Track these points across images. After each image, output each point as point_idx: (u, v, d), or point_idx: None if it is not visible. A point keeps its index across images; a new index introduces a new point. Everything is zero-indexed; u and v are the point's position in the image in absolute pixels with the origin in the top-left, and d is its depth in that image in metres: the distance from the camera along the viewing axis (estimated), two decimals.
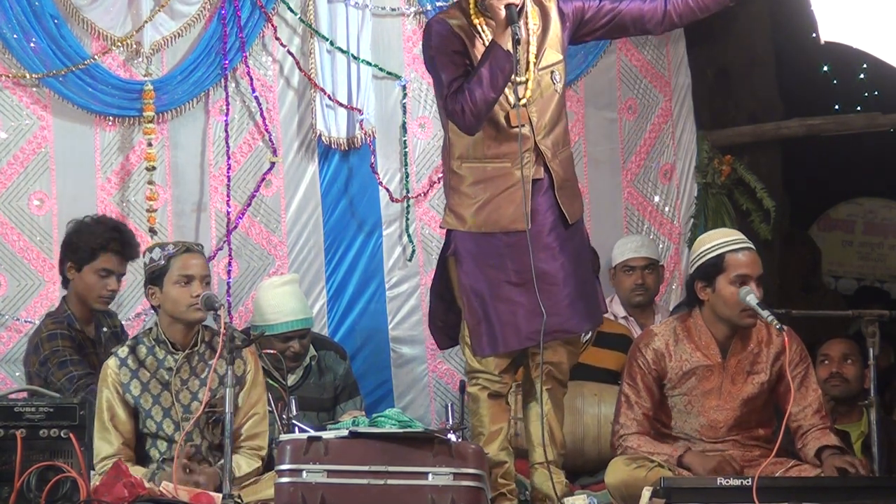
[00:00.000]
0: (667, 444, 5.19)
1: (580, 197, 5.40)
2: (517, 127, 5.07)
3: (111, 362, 5.22)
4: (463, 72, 5.06)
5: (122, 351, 5.25)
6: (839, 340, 6.26)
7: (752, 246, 5.22)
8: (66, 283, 5.86)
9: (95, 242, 5.73)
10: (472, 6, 5.16)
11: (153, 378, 5.21)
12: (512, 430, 5.42)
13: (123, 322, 6.17)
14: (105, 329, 5.84)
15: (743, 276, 5.12)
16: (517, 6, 4.99)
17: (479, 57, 5.08)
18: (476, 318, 5.12)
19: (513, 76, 5.02)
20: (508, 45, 4.95)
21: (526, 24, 5.14)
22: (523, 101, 5.12)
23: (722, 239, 5.24)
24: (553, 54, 5.22)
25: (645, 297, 6.86)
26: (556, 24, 5.24)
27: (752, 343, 5.22)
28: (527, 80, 5.14)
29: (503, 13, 4.97)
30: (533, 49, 5.18)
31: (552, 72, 5.20)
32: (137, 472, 5.06)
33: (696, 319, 5.25)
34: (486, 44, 5.08)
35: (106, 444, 5.14)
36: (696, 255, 5.26)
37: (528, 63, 5.15)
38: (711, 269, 5.17)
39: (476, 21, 5.14)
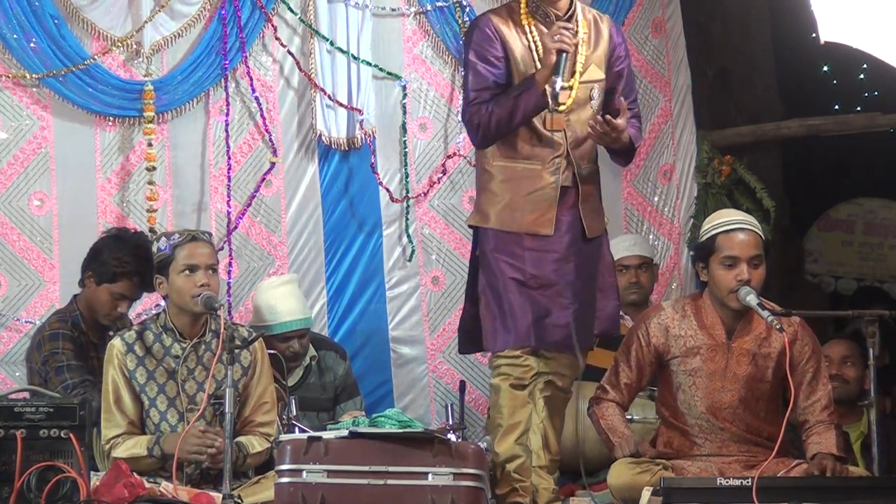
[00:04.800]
0: (628, 430, 5.22)
1: (602, 214, 5.39)
2: (553, 132, 5.10)
3: (117, 343, 5.21)
4: (492, 82, 5.07)
5: (130, 336, 5.23)
6: (838, 341, 6.23)
7: (748, 226, 5.18)
8: (81, 283, 5.85)
9: (121, 268, 5.71)
10: (522, 6, 5.16)
11: (159, 366, 5.20)
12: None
13: None
14: (111, 333, 5.81)
15: (732, 258, 5.12)
16: (568, 53, 5.00)
17: (518, 57, 5.09)
18: (491, 314, 5.11)
19: (558, 81, 4.99)
20: (544, 87, 4.98)
21: (576, 31, 5.12)
22: (563, 108, 5.11)
23: (719, 220, 5.25)
24: (597, 71, 5.21)
25: (639, 295, 6.85)
26: (605, 43, 5.24)
27: (761, 326, 5.20)
28: (570, 86, 5.13)
29: (553, 58, 4.97)
30: (581, 59, 5.17)
31: (592, 88, 5.20)
32: (141, 442, 5.09)
33: (705, 299, 5.26)
34: (531, 45, 5.09)
35: (113, 426, 5.16)
36: (699, 236, 5.30)
37: (573, 70, 5.15)
38: (705, 251, 5.19)
39: (525, 21, 5.14)
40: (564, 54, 4.97)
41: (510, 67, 5.12)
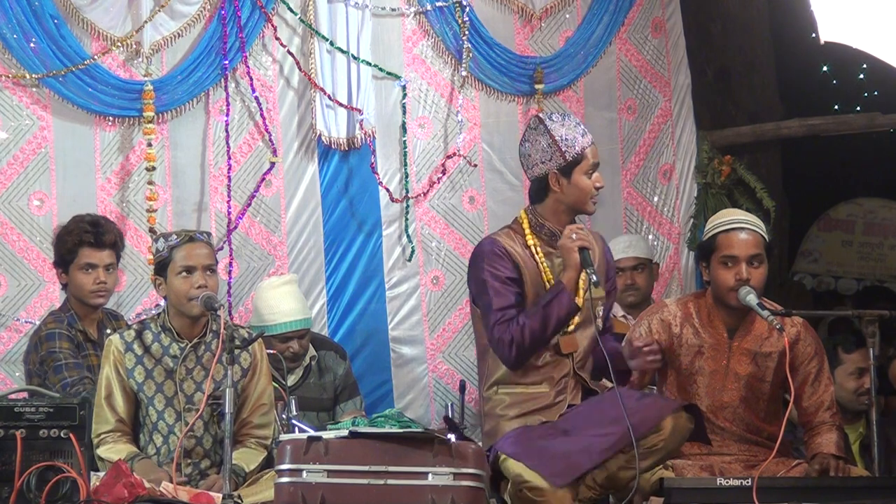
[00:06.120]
0: None
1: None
2: (566, 355, 4.98)
3: (116, 340, 5.20)
4: (514, 301, 4.95)
5: (129, 334, 5.23)
6: (849, 353, 6.19)
7: (748, 226, 5.17)
8: (65, 287, 5.89)
9: (71, 241, 5.77)
10: (526, 226, 5.05)
11: (158, 365, 5.19)
12: None
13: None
14: (109, 331, 5.81)
15: (730, 257, 5.12)
16: (590, 250, 4.89)
17: (528, 276, 4.97)
18: (534, 461, 4.82)
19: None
20: (574, 290, 4.88)
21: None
22: (571, 328, 5.00)
23: (721, 219, 5.26)
24: (600, 290, 5.05)
25: (637, 296, 6.83)
26: (602, 263, 5.13)
27: (762, 326, 5.20)
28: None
29: (577, 256, 4.86)
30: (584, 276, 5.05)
31: (598, 305, 5.06)
32: (121, 451, 5.07)
33: (707, 298, 5.26)
34: (538, 265, 5.00)
35: (101, 423, 5.15)
36: (703, 236, 5.32)
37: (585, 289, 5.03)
38: (706, 250, 5.21)
39: (531, 242, 5.03)
40: (587, 250, 4.87)
41: (522, 287, 5.00)
